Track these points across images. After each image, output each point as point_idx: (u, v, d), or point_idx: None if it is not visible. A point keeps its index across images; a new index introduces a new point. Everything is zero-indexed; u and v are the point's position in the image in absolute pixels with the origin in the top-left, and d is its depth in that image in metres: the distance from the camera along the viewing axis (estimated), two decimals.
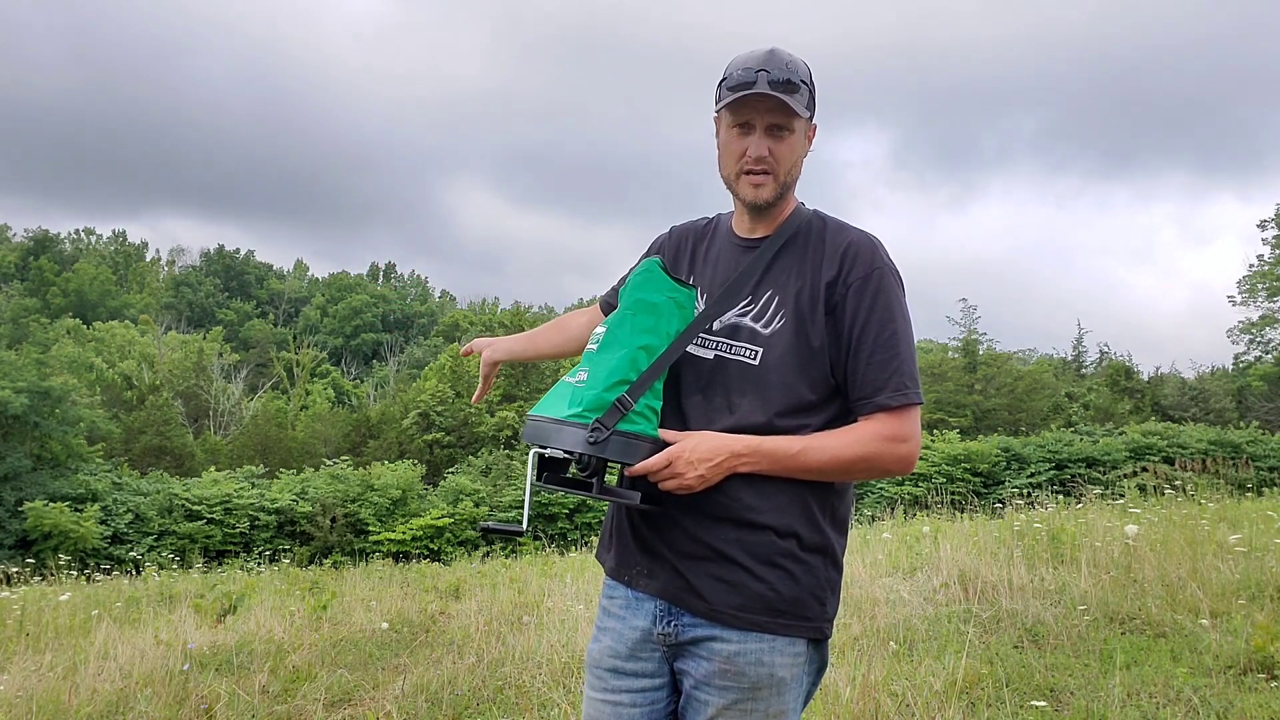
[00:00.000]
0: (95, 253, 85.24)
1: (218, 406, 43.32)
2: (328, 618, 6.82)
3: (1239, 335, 36.63)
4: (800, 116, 1.76)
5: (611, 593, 1.88)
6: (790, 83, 1.72)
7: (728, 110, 1.76)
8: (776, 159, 1.76)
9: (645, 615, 1.80)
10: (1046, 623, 5.06)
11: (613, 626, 1.85)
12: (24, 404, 21.77)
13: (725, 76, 1.77)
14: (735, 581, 1.73)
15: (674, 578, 1.77)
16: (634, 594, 1.83)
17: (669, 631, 1.78)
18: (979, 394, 32.01)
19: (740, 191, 1.81)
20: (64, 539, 19.35)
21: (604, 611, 1.89)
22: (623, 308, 1.79)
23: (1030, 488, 20.87)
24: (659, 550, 1.79)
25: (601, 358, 1.74)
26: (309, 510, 22.12)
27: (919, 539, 8.09)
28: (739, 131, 1.77)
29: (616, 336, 1.76)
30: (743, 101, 1.73)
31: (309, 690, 4.62)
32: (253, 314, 79.63)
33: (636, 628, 1.81)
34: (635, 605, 1.82)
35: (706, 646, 1.74)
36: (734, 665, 1.73)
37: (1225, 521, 8.28)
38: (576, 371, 1.79)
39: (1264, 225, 35.74)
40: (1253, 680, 3.97)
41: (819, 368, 1.74)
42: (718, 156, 1.83)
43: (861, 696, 3.75)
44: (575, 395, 1.71)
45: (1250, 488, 15.75)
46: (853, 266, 1.75)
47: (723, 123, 1.80)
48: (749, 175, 1.78)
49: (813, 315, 1.74)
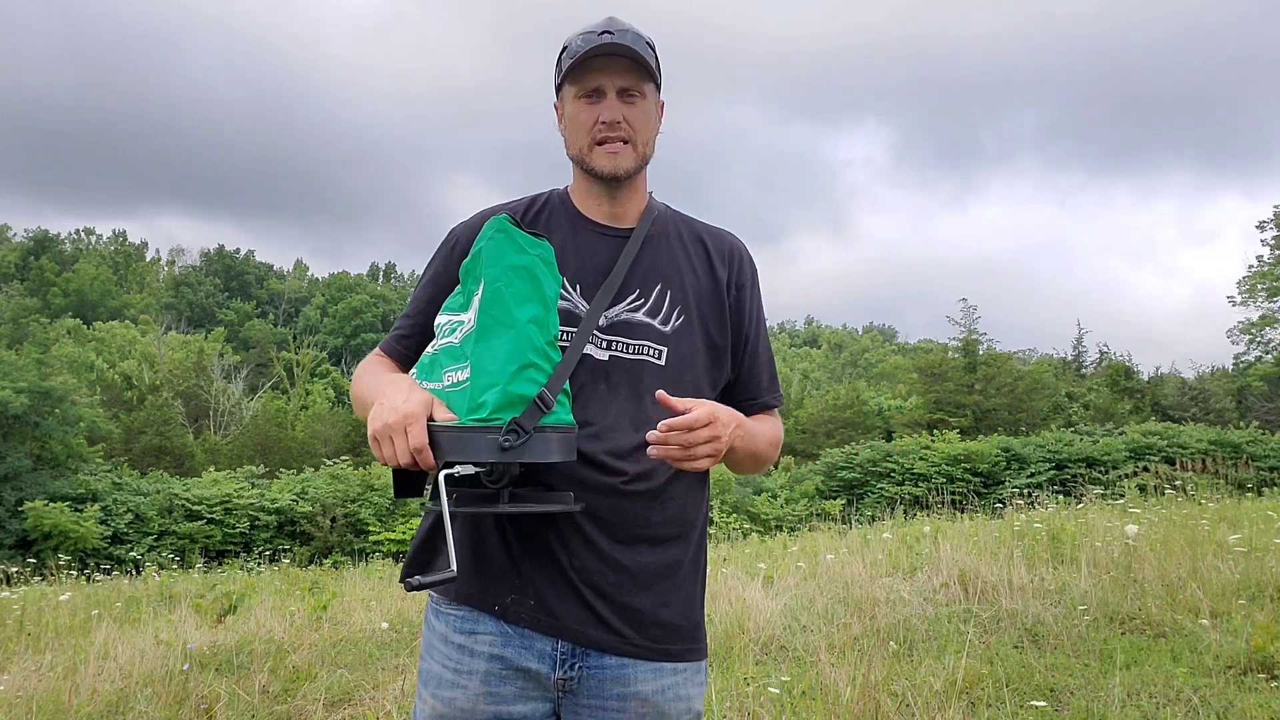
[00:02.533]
0: (95, 253, 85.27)
1: (218, 406, 43.32)
2: (328, 618, 6.81)
3: (1239, 335, 36.64)
4: (652, 80, 1.63)
5: (472, 627, 1.54)
6: (635, 46, 1.59)
7: (572, 81, 1.61)
8: (632, 125, 1.61)
9: (536, 657, 1.53)
10: (1046, 623, 5.06)
11: (483, 670, 1.53)
12: (24, 404, 21.77)
13: (565, 48, 1.63)
14: (647, 609, 1.56)
15: (580, 611, 1.53)
16: (513, 629, 1.53)
17: (571, 676, 1.53)
18: (979, 394, 31.98)
19: (595, 163, 1.62)
20: (64, 539, 19.34)
21: (460, 650, 1.54)
22: (489, 281, 1.47)
23: (1030, 488, 20.86)
24: (555, 576, 1.53)
25: (485, 345, 1.44)
26: (309, 510, 22.11)
27: (919, 539, 8.09)
28: (587, 101, 1.60)
29: (495, 316, 1.45)
30: (589, 64, 1.58)
31: (309, 690, 4.62)
32: (253, 314, 79.63)
33: (524, 670, 1.53)
34: (519, 644, 1.53)
35: (618, 689, 1.54)
36: (653, 706, 1.56)
37: (1225, 521, 8.28)
38: (438, 372, 1.51)
39: (1263, 226, 35.75)
40: (1253, 680, 3.97)
41: (721, 367, 1.71)
42: (566, 135, 1.66)
43: (861, 696, 3.75)
44: (469, 395, 1.43)
45: (1250, 488, 15.76)
46: (741, 267, 1.77)
47: (567, 98, 1.63)
48: (603, 145, 1.60)
49: (716, 314, 1.70)
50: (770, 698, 3.90)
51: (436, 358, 1.53)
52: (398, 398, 1.43)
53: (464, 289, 1.55)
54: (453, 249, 1.68)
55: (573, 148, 1.65)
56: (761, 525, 21.15)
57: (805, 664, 4.54)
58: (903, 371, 46.70)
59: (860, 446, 26.38)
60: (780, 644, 5.04)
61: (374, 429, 1.40)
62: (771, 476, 25.66)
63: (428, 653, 1.59)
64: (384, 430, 1.39)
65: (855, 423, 32.27)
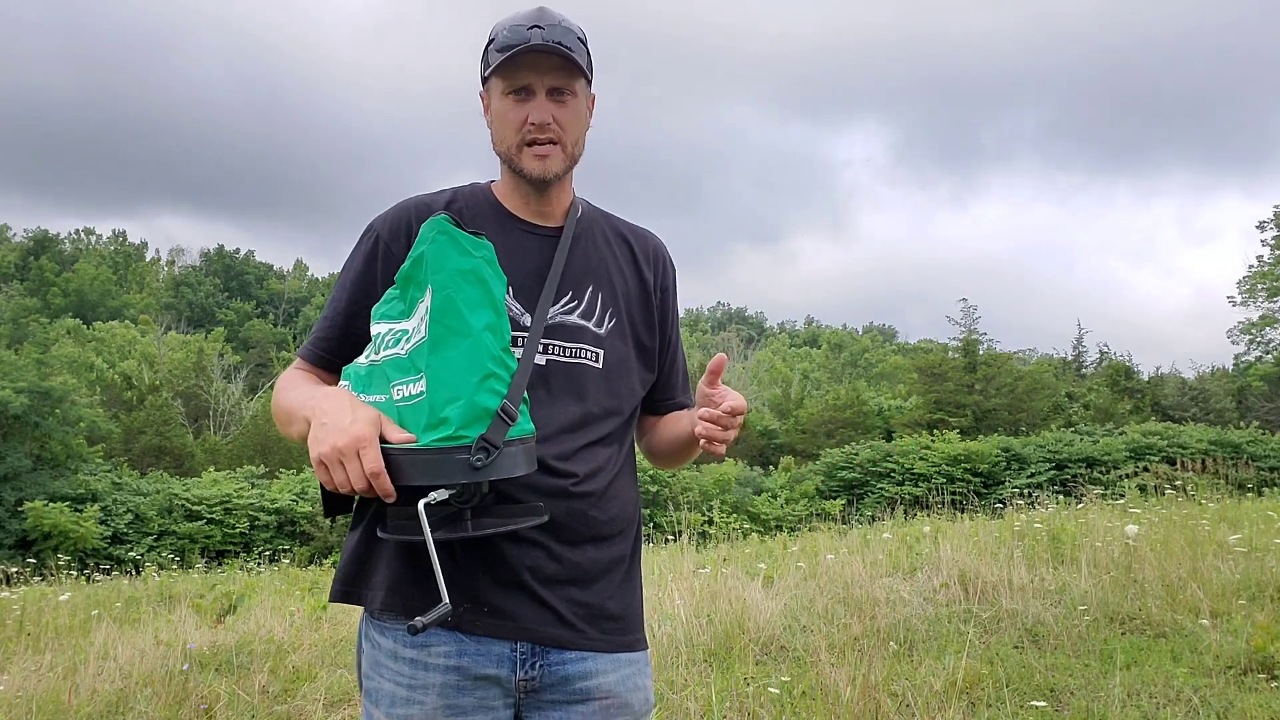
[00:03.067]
0: (95, 253, 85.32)
1: (218, 406, 43.34)
2: (328, 618, 6.81)
3: (1239, 336, 36.67)
4: (583, 77, 1.58)
5: (424, 640, 1.48)
6: (566, 41, 1.54)
7: (500, 76, 1.55)
8: (562, 126, 1.56)
9: (495, 662, 1.49)
10: (1047, 623, 5.06)
11: (439, 682, 1.47)
12: (24, 404, 21.78)
13: (492, 39, 1.57)
14: (599, 603, 1.57)
15: (537, 610, 1.51)
16: (468, 637, 1.49)
17: (533, 676, 1.51)
18: (979, 394, 31.99)
19: (524, 165, 1.57)
20: (64, 539, 19.35)
21: (413, 665, 1.48)
22: (437, 287, 1.37)
23: (1030, 488, 20.87)
24: (508, 579, 1.50)
25: (441, 357, 1.34)
26: (309, 510, 22.11)
27: (919, 539, 8.09)
28: (515, 99, 1.55)
29: (448, 324, 1.35)
30: (518, 61, 1.52)
31: (309, 690, 4.62)
32: (253, 314, 79.65)
33: (483, 678, 1.49)
34: (475, 652, 1.49)
35: (581, 685, 1.54)
36: (617, 697, 1.56)
37: (1225, 521, 8.28)
38: (383, 385, 1.40)
39: (1263, 226, 35.78)
40: (1253, 680, 3.97)
41: (650, 368, 1.73)
42: (492, 130, 1.61)
43: (861, 696, 3.75)
44: (427, 411, 1.33)
45: (1250, 488, 15.76)
46: (665, 269, 1.77)
47: (494, 91, 1.57)
48: (532, 146, 1.56)
49: (645, 316, 1.71)
50: (770, 698, 3.90)
51: (378, 369, 1.42)
52: (342, 417, 1.31)
53: (404, 295, 1.44)
54: (374, 246, 1.59)
55: (500, 145, 1.60)
56: (761, 525, 21.16)
57: (805, 664, 4.54)
58: (903, 371, 46.72)
59: (860, 446, 26.39)
60: (780, 644, 5.03)
61: (320, 452, 1.29)
62: (771, 476, 25.68)
63: (374, 671, 1.52)
64: (333, 454, 1.28)
65: (855, 423, 32.29)
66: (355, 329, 1.57)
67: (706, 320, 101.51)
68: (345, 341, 1.59)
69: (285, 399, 1.53)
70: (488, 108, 1.61)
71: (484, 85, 1.61)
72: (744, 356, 70.93)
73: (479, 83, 1.64)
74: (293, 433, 1.51)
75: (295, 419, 1.46)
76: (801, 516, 21.83)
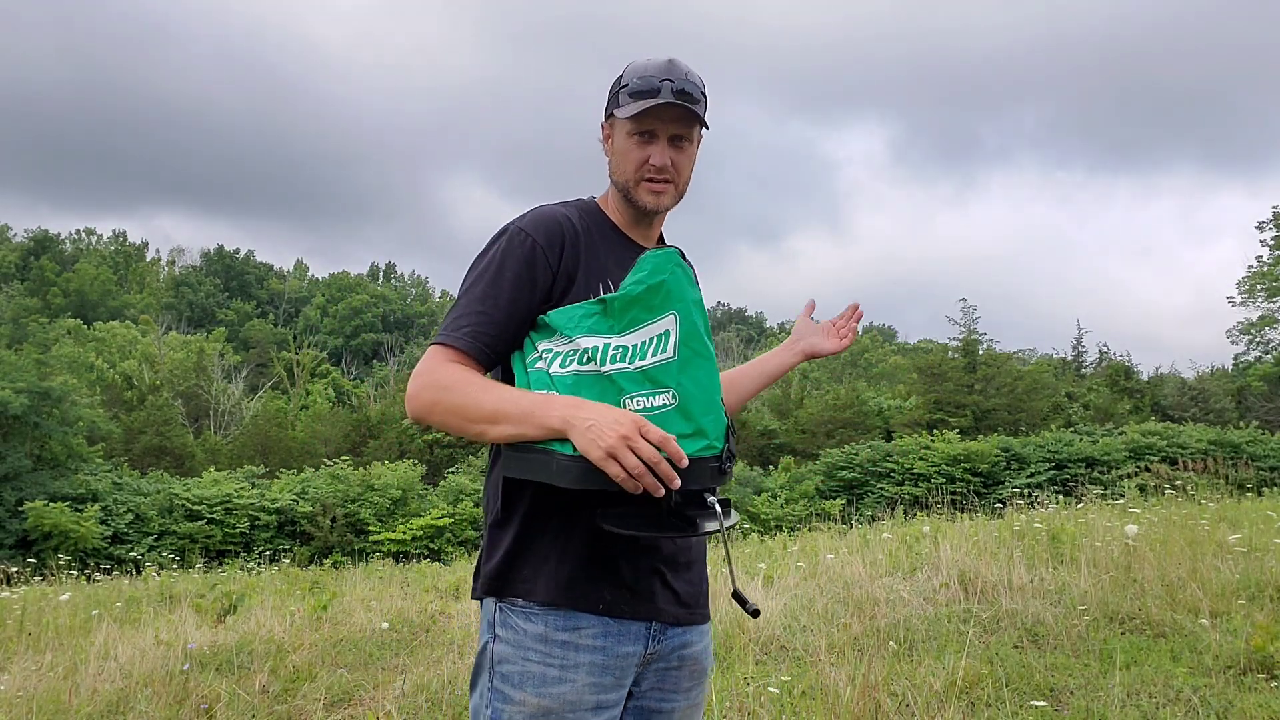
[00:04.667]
0: (95, 253, 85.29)
1: (218, 407, 43.33)
2: (328, 618, 6.82)
3: (1238, 336, 36.66)
4: (700, 125, 1.76)
5: (575, 624, 1.64)
6: (692, 94, 1.72)
7: (628, 118, 1.72)
8: (677, 169, 1.76)
9: (634, 639, 1.68)
10: (1046, 623, 5.06)
11: (588, 661, 1.63)
12: (24, 404, 21.77)
13: (625, 84, 1.74)
14: (694, 579, 1.78)
15: (665, 593, 1.71)
16: (614, 621, 1.66)
17: (656, 650, 1.71)
18: (979, 394, 31.98)
19: (639, 198, 1.76)
20: (64, 539, 19.35)
21: (564, 647, 1.63)
22: (683, 315, 1.59)
23: (1030, 488, 20.87)
24: (646, 567, 1.69)
25: (691, 375, 1.56)
26: (309, 510, 22.11)
27: (919, 539, 8.09)
28: (640, 139, 1.74)
29: (694, 348, 1.58)
30: (648, 111, 1.70)
31: (309, 690, 4.63)
32: (253, 314, 79.63)
33: (622, 655, 1.67)
34: (619, 633, 1.66)
35: (679, 652, 1.75)
36: (700, 664, 1.79)
37: (1225, 521, 8.28)
38: (612, 395, 1.54)
39: (1262, 227, 35.78)
40: (1252, 680, 3.97)
41: None
42: (612, 160, 1.79)
43: (861, 696, 3.76)
44: (677, 421, 1.53)
45: (1250, 488, 15.76)
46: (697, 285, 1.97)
47: (620, 129, 1.76)
48: (650, 183, 1.75)
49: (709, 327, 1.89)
50: (770, 697, 3.90)
51: (604, 379, 1.54)
52: (607, 414, 1.46)
53: (620, 313, 1.57)
54: (533, 252, 1.67)
55: (620, 176, 1.77)
56: (761, 525, 21.15)
57: (805, 664, 4.55)
58: (903, 371, 46.70)
59: (860, 446, 26.39)
60: (780, 644, 5.04)
61: (608, 444, 1.42)
62: (771, 476, 25.67)
63: (519, 655, 1.63)
64: (621, 443, 1.42)
65: (855, 423, 32.26)
66: (511, 329, 1.66)
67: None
68: (503, 338, 1.65)
69: (483, 397, 1.57)
70: (608, 137, 1.81)
71: (607, 118, 1.80)
72: (744, 356, 70.91)
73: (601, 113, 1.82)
74: (492, 433, 1.56)
75: (507, 420, 1.54)
76: (801, 516, 21.82)
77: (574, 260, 1.69)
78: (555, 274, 1.67)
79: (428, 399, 1.60)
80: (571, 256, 1.69)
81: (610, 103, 1.78)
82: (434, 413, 1.60)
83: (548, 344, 1.61)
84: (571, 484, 1.47)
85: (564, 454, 1.47)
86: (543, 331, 1.64)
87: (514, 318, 1.65)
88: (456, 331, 1.64)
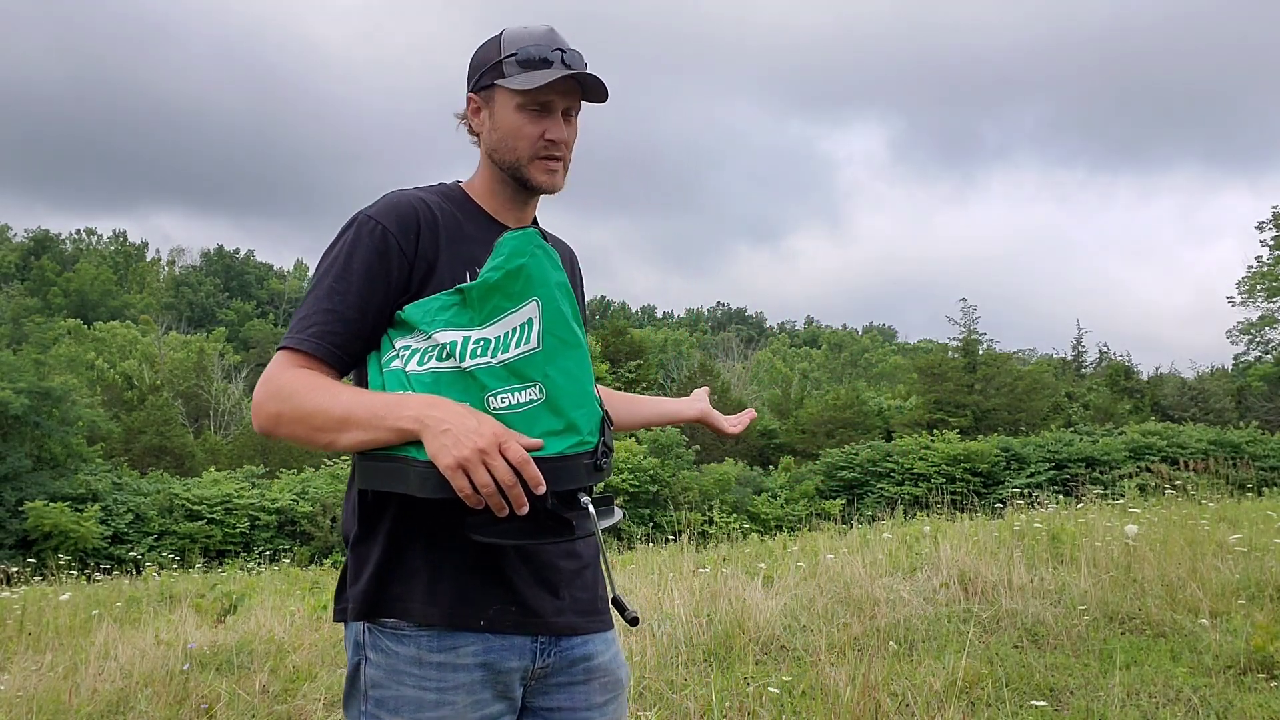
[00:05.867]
0: (95, 253, 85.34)
1: (218, 406, 43.34)
2: (328, 617, 6.81)
3: (1238, 336, 36.68)
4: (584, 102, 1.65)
5: (452, 643, 1.49)
6: (582, 64, 1.59)
7: (518, 90, 1.56)
8: (568, 145, 1.64)
9: (518, 655, 1.53)
10: (1046, 623, 5.06)
11: (467, 681, 1.49)
12: (24, 404, 21.77)
13: (513, 52, 1.57)
14: (588, 584, 1.64)
15: (554, 603, 1.57)
16: (495, 636, 1.51)
17: (547, 664, 1.57)
18: (979, 394, 32.00)
19: (533, 177, 1.61)
20: (64, 539, 19.35)
21: (440, 669, 1.48)
22: (545, 300, 1.44)
23: (1030, 488, 20.87)
24: (531, 577, 1.55)
25: (559, 366, 1.41)
26: (309, 510, 22.12)
27: (919, 539, 8.08)
28: (533, 114, 1.58)
29: (560, 336, 1.43)
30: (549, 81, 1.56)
31: (309, 690, 4.63)
32: (253, 314, 79.68)
33: (505, 671, 1.53)
34: (500, 648, 1.52)
35: (584, 664, 1.61)
36: (611, 674, 1.64)
37: (1225, 521, 8.29)
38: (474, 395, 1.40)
39: (1262, 226, 35.81)
40: (1252, 680, 3.98)
41: None
42: (493, 136, 1.61)
43: (861, 696, 3.76)
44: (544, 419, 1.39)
45: (1250, 488, 15.77)
46: (575, 269, 1.84)
47: (505, 101, 1.59)
48: (545, 160, 1.60)
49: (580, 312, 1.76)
50: (770, 698, 3.90)
51: (465, 376, 1.40)
52: (467, 421, 1.31)
53: (480, 303, 1.43)
54: (385, 242, 1.51)
55: (508, 154, 1.61)
56: (761, 525, 21.16)
57: (805, 664, 4.55)
58: (903, 371, 46.74)
59: (860, 446, 26.41)
60: (780, 644, 5.04)
61: (460, 456, 1.28)
62: (771, 476, 25.68)
63: (392, 680, 1.49)
64: (475, 456, 1.28)
65: (855, 423, 32.28)
66: (365, 327, 1.50)
67: (706, 320, 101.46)
68: (355, 338, 1.50)
69: (325, 401, 1.41)
70: (479, 111, 1.63)
71: (481, 89, 1.61)
72: (744, 356, 70.90)
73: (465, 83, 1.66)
74: (342, 441, 1.40)
75: (357, 425, 1.38)
76: (801, 516, 21.84)
77: (432, 247, 1.53)
78: (412, 264, 1.51)
79: (272, 410, 1.43)
80: (429, 243, 1.53)
81: (489, 73, 1.59)
82: (280, 424, 1.43)
83: (405, 340, 1.47)
84: (432, 494, 1.33)
85: (420, 460, 1.33)
86: (401, 328, 1.50)
87: (367, 315, 1.49)
88: (302, 333, 1.47)
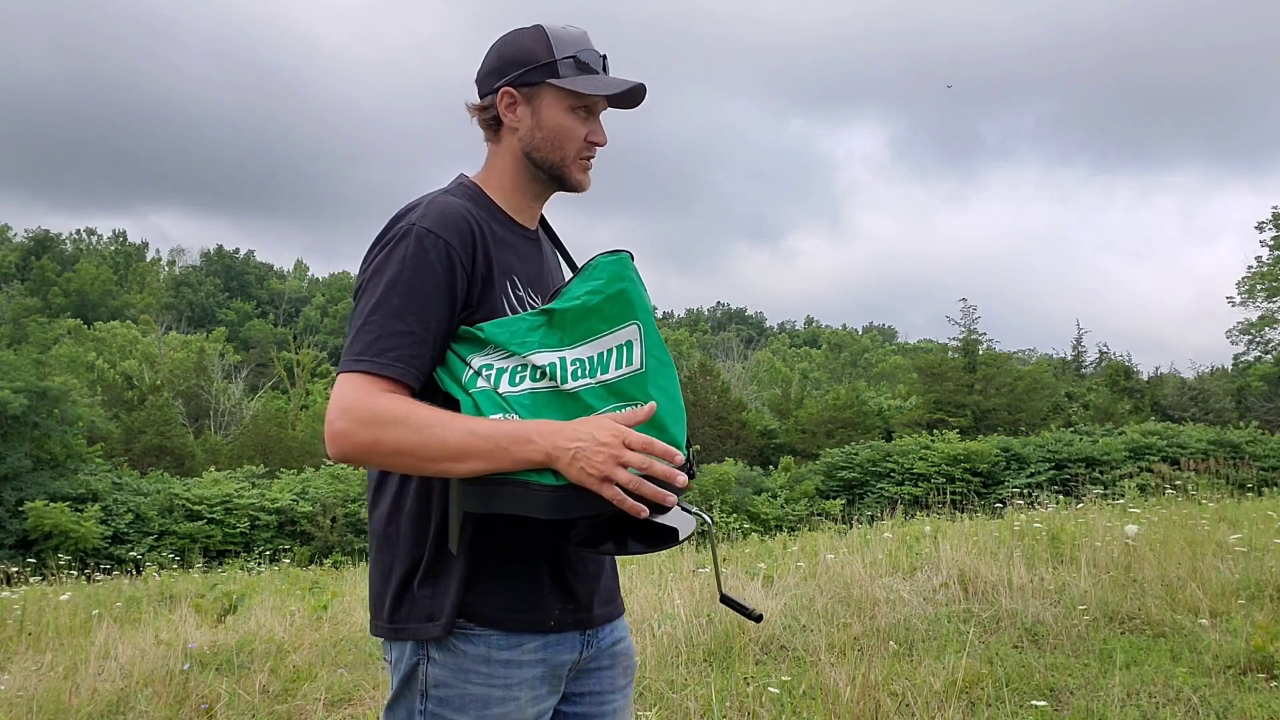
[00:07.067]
0: (96, 253, 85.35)
1: (218, 406, 43.34)
2: (328, 617, 6.82)
3: (1238, 336, 36.69)
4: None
5: (517, 641, 1.55)
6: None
7: (570, 91, 1.58)
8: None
9: (571, 648, 1.61)
10: (1046, 623, 5.06)
11: (530, 676, 1.55)
12: (23, 404, 21.76)
13: (569, 54, 1.59)
14: (614, 576, 1.75)
15: (595, 597, 1.65)
16: (554, 634, 1.59)
17: (590, 653, 1.65)
18: (979, 394, 31.99)
19: (574, 177, 1.65)
20: (64, 539, 19.35)
21: (507, 666, 1.54)
22: (646, 324, 1.49)
23: (1030, 488, 20.87)
24: (583, 575, 1.63)
25: (659, 386, 1.47)
26: (309, 510, 22.12)
27: (919, 539, 8.08)
28: (579, 115, 1.61)
29: (658, 356, 1.49)
30: (605, 86, 1.61)
31: (309, 690, 4.63)
32: (253, 314, 79.66)
33: (560, 664, 1.60)
34: (557, 644, 1.59)
35: (611, 651, 1.69)
36: (630, 657, 1.75)
37: (1225, 521, 8.29)
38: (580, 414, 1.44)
39: (1262, 227, 35.82)
40: (1252, 680, 3.98)
41: None
42: (536, 134, 1.61)
43: (861, 696, 3.76)
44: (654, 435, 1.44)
45: (1250, 488, 15.77)
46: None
47: (556, 100, 1.60)
48: (584, 160, 1.65)
49: None
50: (770, 697, 3.90)
51: (569, 397, 1.44)
52: (581, 431, 1.37)
53: (574, 325, 1.47)
54: (450, 257, 1.50)
55: (553, 153, 1.61)
56: (761, 525, 21.16)
57: (805, 664, 4.55)
58: (903, 371, 46.72)
59: (860, 446, 26.41)
60: (780, 644, 5.04)
61: (601, 471, 1.34)
62: (771, 476, 25.68)
63: (458, 679, 1.52)
64: (611, 463, 1.35)
65: (855, 423, 32.27)
66: (437, 347, 1.50)
67: (706, 320, 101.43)
68: (433, 360, 1.50)
69: (443, 434, 1.40)
70: (514, 106, 1.61)
71: (524, 85, 1.60)
72: (744, 356, 70.89)
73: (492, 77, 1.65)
74: (458, 470, 1.41)
75: (476, 456, 1.39)
76: (801, 516, 21.84)
77: (485, 261, 1.55)
78: (470, 278, 1.52)
79: (366, 439, 1.41)
80: (483, 257, 1.54)
81: (539, 70, 1.58)
82: (375, 453, 1.43)
83: (482, 359, 1.47)
84: (549, 515, 1.39)
85: (542, 484, 1.38)
86: (468, 344, 1.50)
87: (438, 334, 1.48)
88: (381, 357, 1.44)
